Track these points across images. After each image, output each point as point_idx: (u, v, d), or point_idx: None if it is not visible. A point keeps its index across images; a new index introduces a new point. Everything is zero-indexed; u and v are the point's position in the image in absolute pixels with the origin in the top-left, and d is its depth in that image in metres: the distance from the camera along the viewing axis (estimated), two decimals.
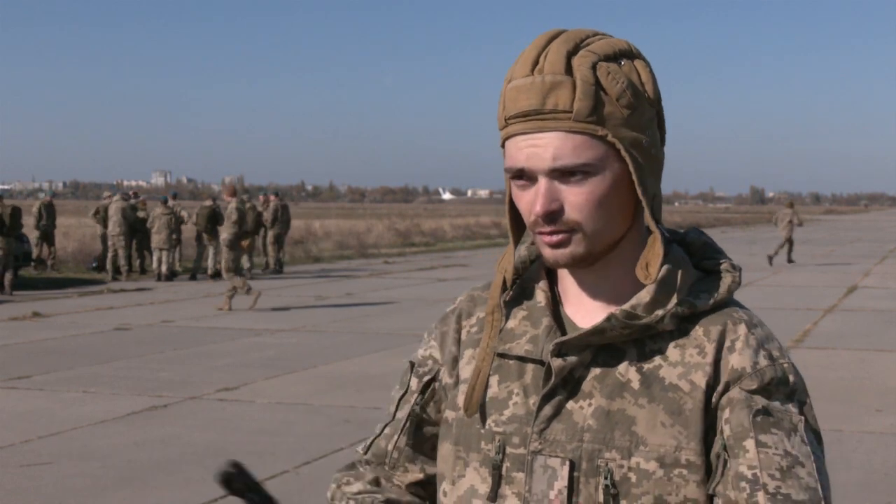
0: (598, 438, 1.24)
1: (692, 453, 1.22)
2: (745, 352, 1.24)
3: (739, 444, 1.20)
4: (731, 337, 1.26)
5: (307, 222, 41.74)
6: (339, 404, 8.80)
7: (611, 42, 1.24)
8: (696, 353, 1.25)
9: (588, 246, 1.24)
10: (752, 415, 1.21)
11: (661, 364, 1.26)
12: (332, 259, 29.39)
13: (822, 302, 17.07)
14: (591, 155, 1.20)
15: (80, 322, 14.50)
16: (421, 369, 1.44)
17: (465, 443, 1.33)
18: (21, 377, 10.02)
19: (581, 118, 1.19)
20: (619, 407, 1.25)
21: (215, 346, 12.22)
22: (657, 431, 1.23)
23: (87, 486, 6.37)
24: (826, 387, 9.29)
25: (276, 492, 5.84)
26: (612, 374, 1.26)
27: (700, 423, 1.23)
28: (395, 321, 14.55)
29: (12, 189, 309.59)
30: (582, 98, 1.19)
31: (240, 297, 16.04)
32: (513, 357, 1.32)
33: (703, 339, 1.26)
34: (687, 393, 1.24)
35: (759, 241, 42.56)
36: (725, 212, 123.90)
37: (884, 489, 6.37)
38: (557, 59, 1.20)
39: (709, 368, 1.24)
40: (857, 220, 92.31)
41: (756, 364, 1.24)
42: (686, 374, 1.24)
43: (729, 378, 1.24)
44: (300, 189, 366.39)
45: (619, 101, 1.20)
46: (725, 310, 1.29)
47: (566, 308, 1.33)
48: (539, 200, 1.21)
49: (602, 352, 1.27)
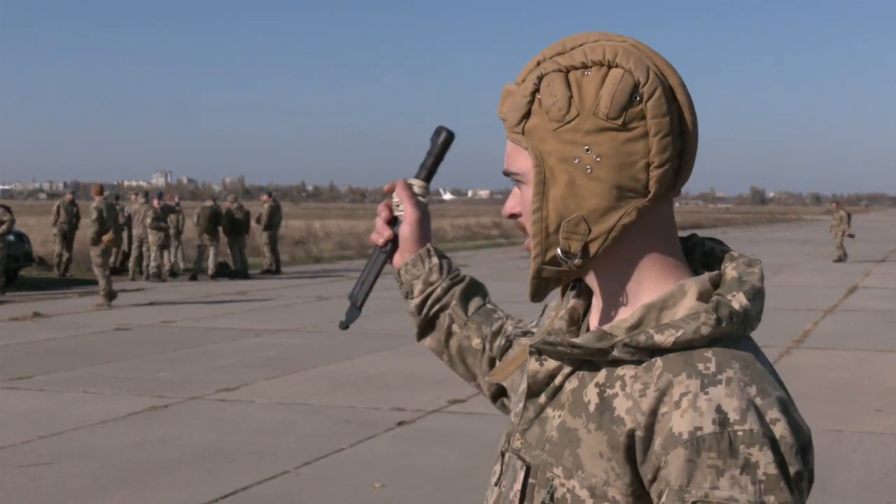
0: (553, 451, 1.22)
1: (618, 492, 1.16)
2: (687, 413, 1.10)
3: None
4: (681, 391, 1.12)
5: (307, 222, 41.74)
6: (340, 404, 8.80)
7: (595, 47, 1.19)
8: (640, 390, 1.16)
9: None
10: None
11: (618, 392, 1.19)
12: (333, 259, 29.41)
13: (823, 302, 17.08)
14: (521, 164, 1.22)
15: (81, 322, 14.50)
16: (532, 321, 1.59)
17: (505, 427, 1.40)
18: (21, 377, 10.02)
19: (509, 128, 1.23)
20: (574, 426, 1.21)
21: (215, 346, 12.23)
22: (594, 461, 1.18)
23: (88, 487, 6.37)
24: (826, 387, 9.30)
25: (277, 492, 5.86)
26: (583, 389, 1.23)
27: (627, 464, 1.16)
28: (395, 321, 14.55)
29: (12, 189, 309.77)
30: (512, 108, 1.22)
31: (241, 298, 16.05)
32: None
33: (653, 379, 1.15)
34: (626, 429, 1.16)
35: (760, 241, 42.57)
36: (726, 212, 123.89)
37: (884, 489, 6.37)
38: (526, 68, 1.24)
39: (641, 417, 1.14)
40: (857, 220, 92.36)
41: (697, 430, 1.09)
42: (633, 409, 1.16)
43: (665, 441, 1.11)
44: (301, 189, 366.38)
45: (548, 113, 1.19)
46: (695, 353, 1.15)
47: (591, 315, 1.33)
48: (506, 203, 1.30)
49: (584, 365, 1.24)
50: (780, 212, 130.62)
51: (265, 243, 24.16)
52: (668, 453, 1.10)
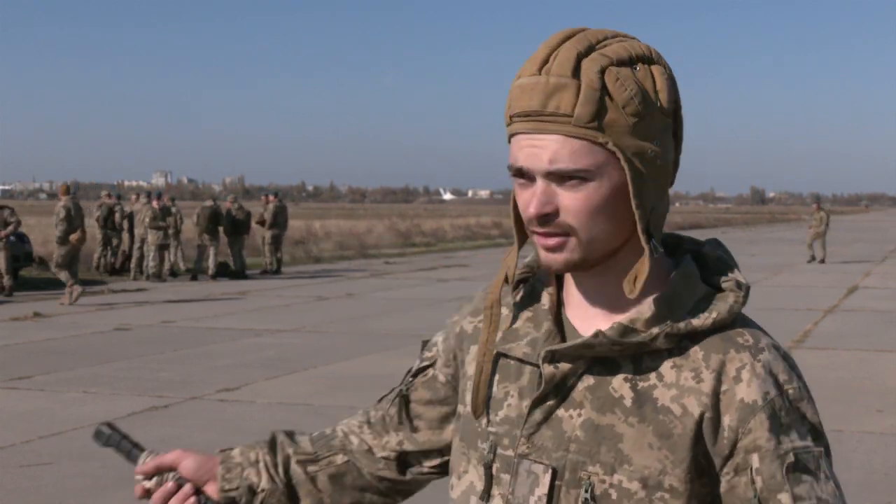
0: (583, 451, 1.23)
1: (676, 479, 1.20)
2: (753, 382, 1.20)
3: (774, 496, 1.19)
4: (736, 366, 1.21)
5: (307, 222, 41.72)
6: (340, 405, 8.80)
7: (628, 45, 1.21)
8: (692, 377, 1.22)
9: (583, 253, 1.22)
10: (783, 467, 1.19)
11: (655, 384, 1.23)
12: (333, 259, 29.39)
13: (823, 302, 17.07)
14: (589, 161, 1.18)
15: (81, 322, 14.50)
16: (426, 353, 1.49)
17: (467, 439, 1.35)
18: (22, 377, 10.02)
19: (581, 123, 1.17)
20: (608, 422, 1.23)
21: (216, 346, 12.22)
22: (643, 452, 1.21)
23: (88, 487, 6.37)
24: (827, 387, 9.29)
25: None
26: (606, 386, 1.24)
27: (688, 450, 1.20)
28: (395, 321, 14.55)
29: (12, 189, 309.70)
30: (584, 103, 1.16)
31: (241, 298, 16.05)
32: (513, 358, 1.32)
33: (700, 363, 1.22)
34: (678, 417, 1.21)
35: (760, 241, 42.56)
36: (726, 212, 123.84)
37: (884, 489, 6.37)
38: (566, 60, 1.18)
39: (706, 399, 1.20)
40: (857, 220, 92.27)
41: (767, 395, 1.20)
42: (679, 397, 1.22)
43: (739, 413, 1.20)
44: (301, 189, 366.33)
45: (625, 108, 1.17)
46: (729, 332, 1.24)
47: (568, 312, 1.32)
48: (533, 201, 1.20)
49: (597, 362, 1.25)
50: (780, 212, 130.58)
51: (269, 243, 24.14)
52: (748, 422, 1.20)
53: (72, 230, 16.84)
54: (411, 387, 1.48)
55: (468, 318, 1.43)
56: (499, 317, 1.33)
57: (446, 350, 1.45)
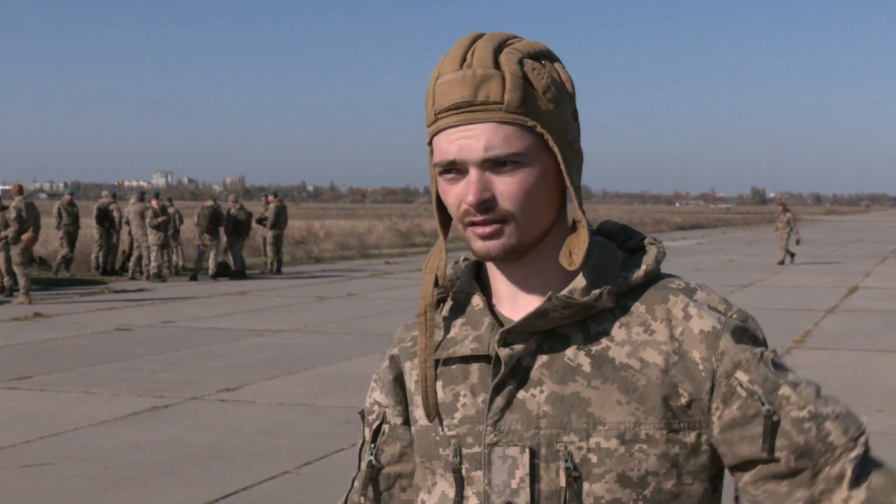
0: (554, 423, 1.25)
1: (651, 427, 1.24)
2: (703, 314, 1.27)
3: (776, 394, 1.25)
4: (680, 307, 1.28)
5: (308, 223, 41.75)
6: (340, 405, 8.80)
7: (533, 43, 1.28)
8: (643, 331, 1.27)
9: (519, 236, 1.25)
10: (771, 365, 1.25)
11: (608, 345, 1.27)
12: (333, 259, 29.40)
13: (824, 302, 17.07)
14: (522, 145, 1.23)
15: (81, 322, 14.50)
16: (370, 417, 1.47)
17: (426, 453, 1.34)
18: (22, 378, 10.02)
19: (511, 109, 1.22)
20: (572, 391, 1.25)
21: (216, 346, 12.22)
22: (614, 410, 1.24)
23: (88, 487, 6.37)
24: (827, 387, 9.14)
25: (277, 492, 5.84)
26: (560, 359, 1.27)
27: (657, 399, 1.24)
28: (396, 322, 14.55)
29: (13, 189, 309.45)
30: (512, 90, 1.22)
31: (242, 298, 16.05)
32: (456, 360, 1.32)
33: (646, 316, 1.28)
34: (638, 370, 1.25)
35: (761, 241, 42.55)
36: (726, 212, 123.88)
37: None
38: (485, 55, 1.24)
39: (665, 347, 1.25)
40: (857, 220, 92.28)
41: (720, 319, 1.27)
42: (634, 352, 1.26)
43: (705, 342, 1.25)
44: (301, 189, 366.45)
45: (544, 94, 1.24)
46: (660, 282, 1.31)
47: (501, 309, 1.34)
48: (471, 189, 1.23)
49: (547, 338, 1.28)
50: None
51: (270, 243, 24.14)
52: (717, 347, 1.25)
53: (23, 230, 17.19)
54: (377, 452, 1.44)
55: (395, 348, 1.43)
56: (433, 322, 1.33)
57: (388, 392, 1.43)
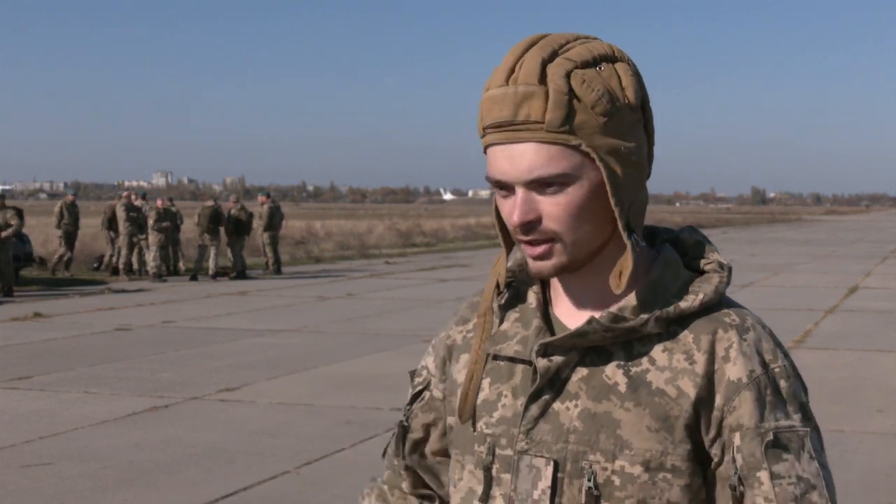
0: (583, 440, 1.24)
1: (678, 458, 1.22)
2: (739, 360, 1.23)
3: (753, 474, 1.21)
4: (724, 345, 1.24)
5: (308, 223, 41.75)
6: (341, 405, 8.79)
7: (591, 46, 1.23)
8: (684, 358, 1.24)
9: (570, 255, 1.24)
10: (763, 446, 1.21)
11: (648, 368, 1.25)
12: (334, 259, 29.39)
13: (824, 302, 17.07)
14: (566, 165, 1.20)
15: (81, 322, 14.50)
16: (416, 379, 1.49)
17: (461, 446, 1.35)
18: (22, 378, 10.02)
19: (553, 128, 1.19)
20: (605, 409, 1.25)
21: (216, 346, 12.22)
22: (643, 436, 1.23)
23: (88, 487, 6.37)
24: (827, 387, 9.29)
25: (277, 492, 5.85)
26: (599, 375, 1.26)
27: (685, 430, 1.22)
28: (396, 322, 14.55)
29: (13, 189, 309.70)
30: (554, 108, 1.18)
31: (242, 298, 16.03)
32: (503, 358, 1.33)
33: (692, 345, 1.25)
34: (673, 399, 1.23)
35: (760, 241, 42.55)
36: (727, 212, 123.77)
37: (885, 489, 6.36)
38: (532, 69, 1.20)
39: (700, 380, 1.23)
40: (857, 220, 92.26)
41: (752, 373, 1.23)
42: (673, 379, 1.24)
43: (726, 391, 1.22)
44: (301, 189, 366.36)
45: (594, 108, 1.19)
46: (716, 314, 1.27)
47: (555, 310, 1.34)
48: (516, 211, 1.23)
49: (590, 353, 1.27)
50: (780, 212, 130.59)
51: (267, 244, 24.12)
52: (733, 400, 1.22)
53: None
54: (410, 415, 1.47)
55: (456, 329, 1.44)
56: (491, 324, 1.34)
57: (438, 365, 1.45)
